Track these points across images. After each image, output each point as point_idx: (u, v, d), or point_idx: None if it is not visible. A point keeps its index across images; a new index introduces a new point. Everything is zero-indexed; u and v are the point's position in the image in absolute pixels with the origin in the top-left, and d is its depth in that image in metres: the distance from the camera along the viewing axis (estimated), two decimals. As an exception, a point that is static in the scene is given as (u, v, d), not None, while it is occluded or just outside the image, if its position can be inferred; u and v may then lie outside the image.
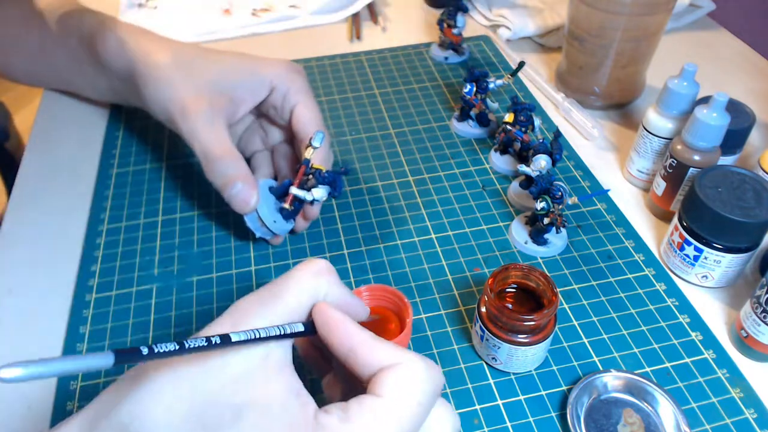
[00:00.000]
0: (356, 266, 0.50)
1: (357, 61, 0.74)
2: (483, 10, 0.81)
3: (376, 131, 0.64)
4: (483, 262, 0.50)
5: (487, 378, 0.43)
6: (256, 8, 0.83)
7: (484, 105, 0.61)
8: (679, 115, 0.52)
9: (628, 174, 0.58)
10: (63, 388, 0.42)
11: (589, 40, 0.61)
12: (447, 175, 0.58)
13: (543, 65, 0.74)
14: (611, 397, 0.41)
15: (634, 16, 0.58)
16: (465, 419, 0.40)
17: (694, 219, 0.46)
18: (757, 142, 0.62)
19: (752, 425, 0.40)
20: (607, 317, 0.46)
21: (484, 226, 0.53)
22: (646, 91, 0.67)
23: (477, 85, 0.59)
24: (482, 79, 0.59)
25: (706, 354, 0.44)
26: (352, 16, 0.82)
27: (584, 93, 0.66)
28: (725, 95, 0.46)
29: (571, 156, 0.60)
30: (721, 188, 0.45)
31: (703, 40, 0.78)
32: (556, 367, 0.43)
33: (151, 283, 0.49)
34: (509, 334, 0.40)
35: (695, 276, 0.48)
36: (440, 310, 0.47)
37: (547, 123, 0.65)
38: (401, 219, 0.54)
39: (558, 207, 0.48)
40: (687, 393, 0.41)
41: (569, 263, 0.50)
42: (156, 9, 0.83)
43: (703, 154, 0.48)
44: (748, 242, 0.45)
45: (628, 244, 0.52)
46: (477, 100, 0.60)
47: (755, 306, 0.41)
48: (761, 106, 0.66)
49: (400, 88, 0.70)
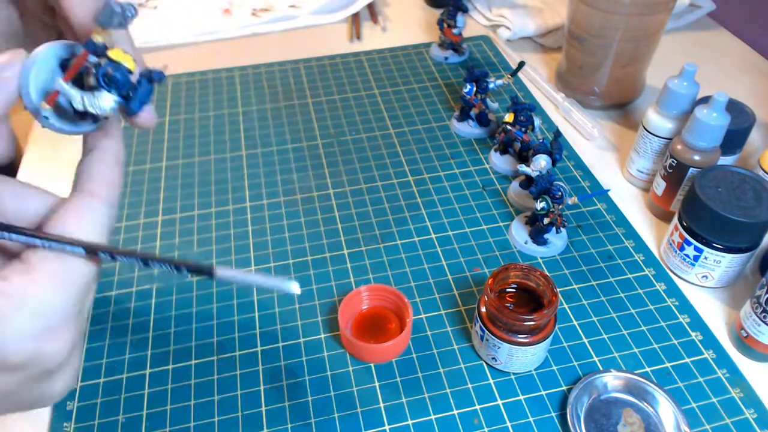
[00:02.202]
0: (356, 266, 0.50)
1: (357, 61, 0.74)
2: (483, 10, 0.81)
3: (376, 131, 0.64)
4: (483, 262, 0.50)
5: (487, 378, 0.43)
6: (256, 8, 0.83)
7: (484, 105, 0.61)
8: (679, 115, 0.52)
9: (628, 174, 0.58)
10: (63, 388, 0.42)
11: (589, 40, 0.61)
12: (447, 175, 0.58)
13: (543, 65, 0.74)
14: (611, 397, 0.41)
15: (634, 16, 0.58)
16: (465, 419, 0.40)
17: (694, 219, 0.46)
18: (757, 142, 0.62)
19: (752, 425, 0.40)
20: (607, 317, 0.46)
21: (484, 226, 0.53)
22: (646, 91, 0.67)
23: (477, 85, 0.59)
24: (482, 79, 0.59)
25: (706, 354, 0.44)
26: (352, 16, 0.82)
27: (584, 93, 0.66)
28: (725, 95, 0.46)
29: (571, 156, 0.60)
30: (721, 188, 0.45)
31: (703, 40, 0.78)
32: (556, 367, 0.43)
33: (150, 283, 0.49)
34: (509, 334, 0.40)
35: (695, 276, 0.48)
36: (440, 310, 0.47)
37: (547, 123, 0.65)
38: (401, 219, 0.54)
39: (558, 207, 0.48)
40: (687, 393, 0.41)
41: (569, 263, 0.50)
42: (156, 9, 0.83)
43: (703, 154, 0.48)
44: (748, 242, 0.45)
45: (628, 244, 0.52)
46: (477, 101, 0.60)
47: (755, 306, 0.41)
48: (761, 106, 0.66)
49: (400, 88, 0.70)
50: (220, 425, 0.40)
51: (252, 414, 0.41)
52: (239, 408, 0.41)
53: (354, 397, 0.42)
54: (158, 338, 0.45)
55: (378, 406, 0.41)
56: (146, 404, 0.41)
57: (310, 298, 0.48)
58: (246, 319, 0.46)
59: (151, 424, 0.40)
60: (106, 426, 0.40)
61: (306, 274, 0.49)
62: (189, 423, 0.40)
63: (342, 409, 0.41)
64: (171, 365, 0.44)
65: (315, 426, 0.40)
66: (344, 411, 0.41)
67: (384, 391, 0.42)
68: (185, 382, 0.43)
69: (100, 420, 0.41)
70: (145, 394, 0.42)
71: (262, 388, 0.42)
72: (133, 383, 0.43)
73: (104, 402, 0.42)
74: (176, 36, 0.78)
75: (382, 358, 0.43)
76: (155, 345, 0.45)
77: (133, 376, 0.43)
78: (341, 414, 0.41)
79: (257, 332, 0.45)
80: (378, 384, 0.42)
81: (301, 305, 0.47)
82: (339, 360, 0.44)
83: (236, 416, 0.41)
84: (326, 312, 0.47)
